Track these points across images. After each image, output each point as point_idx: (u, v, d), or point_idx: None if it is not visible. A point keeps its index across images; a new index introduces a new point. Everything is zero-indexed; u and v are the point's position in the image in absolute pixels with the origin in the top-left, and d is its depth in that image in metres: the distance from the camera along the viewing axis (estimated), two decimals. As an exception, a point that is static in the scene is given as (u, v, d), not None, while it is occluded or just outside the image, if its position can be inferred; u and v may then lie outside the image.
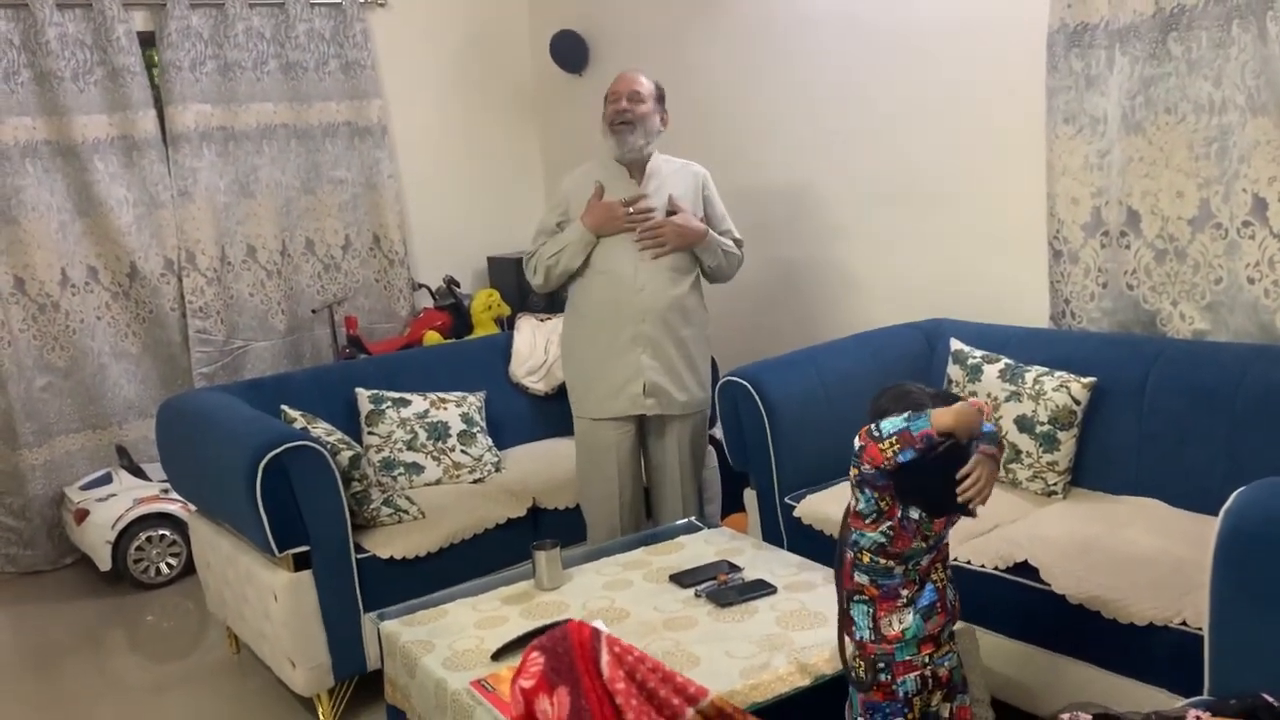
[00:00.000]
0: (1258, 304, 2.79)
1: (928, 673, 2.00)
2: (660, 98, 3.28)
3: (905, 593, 1.98)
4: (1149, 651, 2.26)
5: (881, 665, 2.00)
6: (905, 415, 1.88)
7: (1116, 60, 2.97)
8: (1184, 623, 2.19)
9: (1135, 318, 3.08)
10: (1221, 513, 1.92)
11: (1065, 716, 1.65)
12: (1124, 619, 2.27)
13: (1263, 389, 2.62)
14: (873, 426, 1.90)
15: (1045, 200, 3.22)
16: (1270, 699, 1.61)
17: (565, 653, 1.15)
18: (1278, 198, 2.71)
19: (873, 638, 2.00)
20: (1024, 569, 2.50)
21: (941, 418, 1.85)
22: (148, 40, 4.49)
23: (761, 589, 2.51)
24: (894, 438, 1.85)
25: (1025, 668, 2.50)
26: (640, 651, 1.17)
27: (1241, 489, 1.93)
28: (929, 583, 2.01)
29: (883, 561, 1.98)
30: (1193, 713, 1.59)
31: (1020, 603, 2.49)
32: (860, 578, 2.01)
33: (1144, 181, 2.97)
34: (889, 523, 1.95)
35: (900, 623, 1.98)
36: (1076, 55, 3.06)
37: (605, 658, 1.14)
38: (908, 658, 1.99)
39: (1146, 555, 2.46)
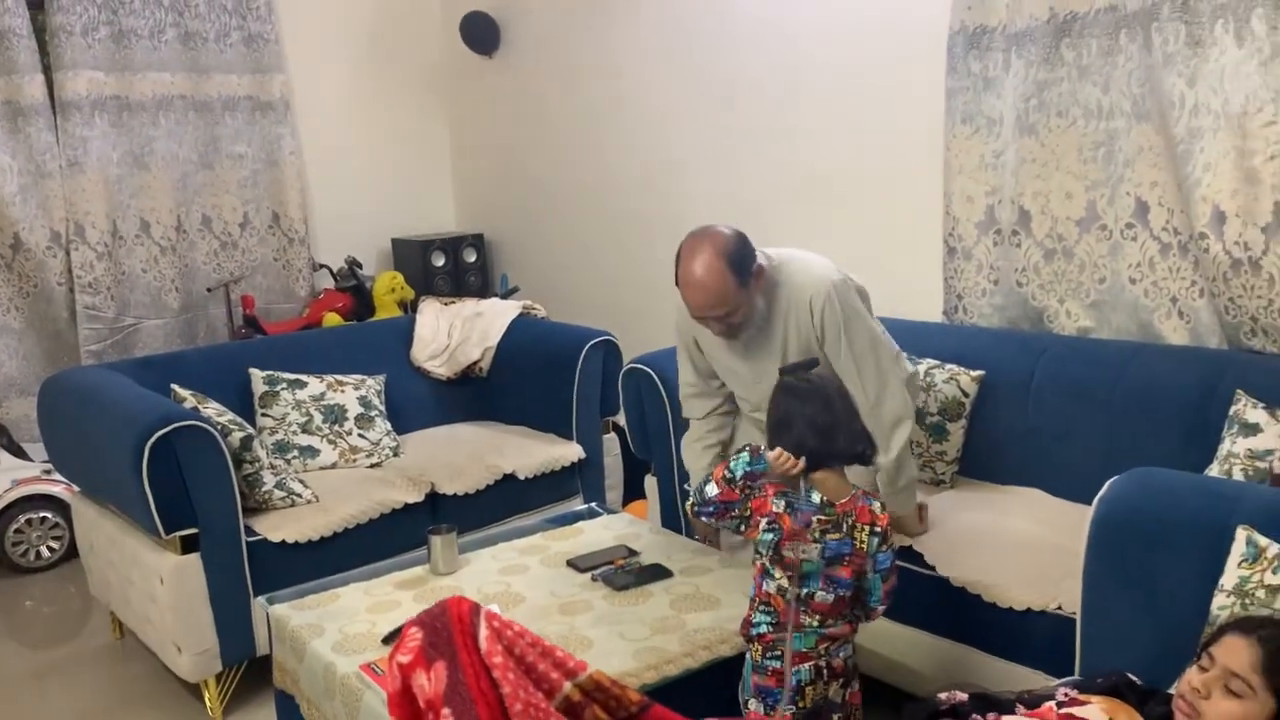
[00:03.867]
0: (1138, 303, 2.91)
1: (823, 664, 2.05)
2: (742, 272, 2.40)
3: (806, 620, 2.04)
4: (1027, 635, 2.34)
5: (777, 653, 2.04)
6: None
7: (1013, 63, 3.06)
8: (1060, 608, 2.28)
9: (1024, 314, 3.18)
10: (1095, 501, 2.00)
11: (943, 696, 1.71)
12: (1004, 604, 2.36)
13: (1140, 384, 2.73)
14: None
15: (942, 198, 3.30)
16: (1133, 677, 1.68)
17: (444, 628, 1.15)
18: (1158, 202, 2.82)
19: (771, 629, 2.05)
20: (911, 555, 2.57)
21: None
22: (36, 2, 4.30)
23: (658, 573, 2.53)
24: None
25: (911, 651, 2.57)
26: (520, 627, 1.17)
27: (1113, 479, 2.01)
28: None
29: (778, 575, 2.03)
30: (1061, 690, 1.66)
31: (907, 588, 2.55)
32: (768, 586, 2.06)
33: (1035, 182, 3.07)
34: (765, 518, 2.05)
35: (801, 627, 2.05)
36: (975, 57, 3.14)
37: (483, 632, 1.14)
38: (804, 649, 2.04)
39: (1027, 543, 2.55)
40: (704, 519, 2.17)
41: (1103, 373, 2.82)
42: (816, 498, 2.05)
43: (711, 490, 2.10)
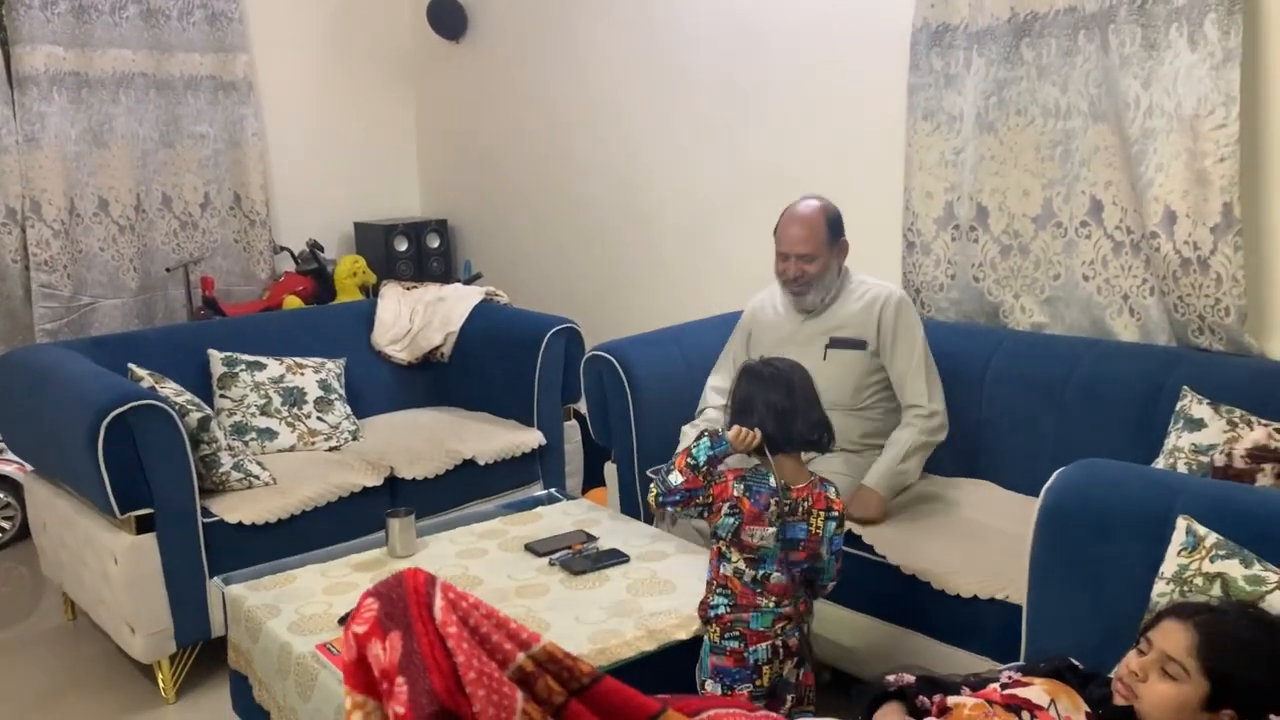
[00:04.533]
0: (1091, 300, 2.97)
1: (779, 643, 2.09)
2: (835, 232, 2.86)
3: (763, 602, 2.09)
4: (975, 622, 2.39)
5: (735, 634, 2.08)
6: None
7: (974, 62, 3.11)
8: (1007, 596, 2.33)
9: (980, 309, 3.23)
10: (1042, 491, 2.05)
11: (891, 678, 1.75)
12: (952, 591, 2.40)
13: (1090, 380, 2.79)
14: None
15: (902, 194, 3.34)
16: (1075, 661, 1.73)
17: (400, 599, 1.16)
18: (1112, 201, 2.88)
19: (729, 611, 2.08)
20: (862, 544, 2.61)
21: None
22: (-7, -26, 4.24)
23: (615, 558, 2.55)
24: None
25: (862, 637, 2.61)
26: (475, 598, 1.19)
27: (1061, 469, 2.06)
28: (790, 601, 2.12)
29: (735, 558, 2.08)
30: (1006, 673, 1.71)
31: (858, 575, 2.60)
32: (725, 569, 2.09)
33: (994, 179, 3.12)
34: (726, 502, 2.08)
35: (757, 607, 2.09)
36: (937, 55, 3.18)
37: (439, 603, 1.16)
38: (761, 628, 2.08)
39: (976, 533, 2.61)
40: (669, 509, 2.18)
41: (1055, 368, 2.88)
42: (773, 481, 2.09)
43: (676, 479, 2.12)
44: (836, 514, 2.14)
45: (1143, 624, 1.67)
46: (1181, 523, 1.84)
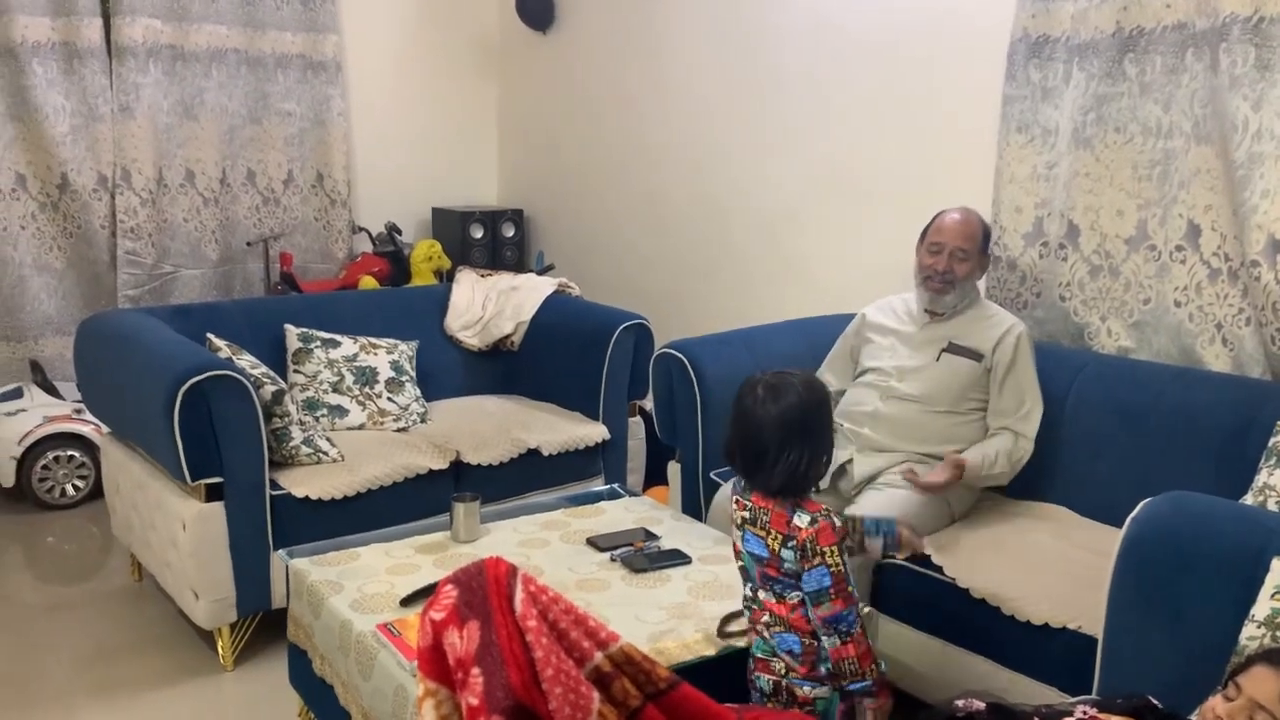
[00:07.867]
0: (1181, 327, 2.88)
1: (783, 684, 2.04)
2: (986, 241, 2.95)
3: (764, 630, 2.05)
4: (1043, 651, 2.32)
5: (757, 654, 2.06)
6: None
7: (1073, 75, 3.02)
8: (1080, 626, 2.26)
9: (1065, 329, 3.15)
10: (1127, 521, 1.98)
11: (960, 702, 1.70)
12: (1021, 617, 2.33)
13: (1176, 409, 2.70)
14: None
15: (990, 206, 3.26)
16: (1154, 700, 1.67)
17: (480, 588, 1.15)
18: (1210, 226, 2.78)
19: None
20: (931, 564, 2.55)
21: None
22: (99, -54, 4.34)
23: (676, 558, 2.53)
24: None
25: (925, 658, 2.56)
26: (555, 593, 1.17)
27: (1148, 500, 1.98)
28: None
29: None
30: (1080, 708, 1.65)
31: (925, 595, 2.55)
32: (747, 589, 2.08)
33: (1087, 197, 3.03)
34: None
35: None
36: (1035, 66, 3.11)
37: (519, 595, 1.14)
38: (763, 655, 2.06)
39: (1050, 559, 2.53)
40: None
41: (1140, 395, 2.79)
42: (743, 482, 2.07)
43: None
44: (795, 545, 1.88)
45: (1230, 667, 1.60)
46: (1277, 564, 1.76)
